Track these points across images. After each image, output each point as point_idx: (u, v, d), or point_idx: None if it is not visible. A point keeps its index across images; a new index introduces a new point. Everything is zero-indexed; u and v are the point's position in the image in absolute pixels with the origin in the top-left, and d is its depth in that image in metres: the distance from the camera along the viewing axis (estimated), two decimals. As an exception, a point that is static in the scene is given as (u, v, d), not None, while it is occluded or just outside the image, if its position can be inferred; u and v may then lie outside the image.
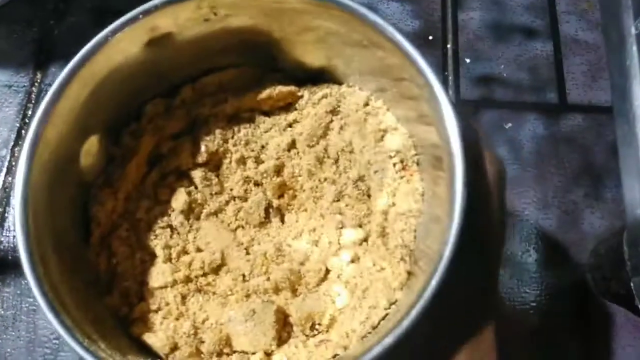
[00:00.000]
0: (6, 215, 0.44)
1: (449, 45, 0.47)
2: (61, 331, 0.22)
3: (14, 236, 0.44)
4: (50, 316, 0.22)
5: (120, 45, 0.27)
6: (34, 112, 0.47)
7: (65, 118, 0.26)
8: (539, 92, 0.45)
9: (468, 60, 0.47)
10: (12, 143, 0.46)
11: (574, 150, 0.43)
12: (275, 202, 0.32)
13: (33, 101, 0.48)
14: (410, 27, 0.27)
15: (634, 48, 0.35)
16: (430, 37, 0.47)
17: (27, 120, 0.47)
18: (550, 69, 0.46)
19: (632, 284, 0.33)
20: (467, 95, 0.45)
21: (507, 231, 0.41)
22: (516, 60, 0.47)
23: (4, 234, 0.44)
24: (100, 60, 0.27)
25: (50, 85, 0.48)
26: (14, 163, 0.46)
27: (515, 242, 0.41)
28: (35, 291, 0.23)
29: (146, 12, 0.27)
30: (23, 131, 0.47)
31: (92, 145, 0.29)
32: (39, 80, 0.48)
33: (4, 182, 0.45)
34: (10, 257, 0.43)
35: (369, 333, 0.26)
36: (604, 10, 0.41)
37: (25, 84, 0.48)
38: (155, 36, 0.28)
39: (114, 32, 0.27)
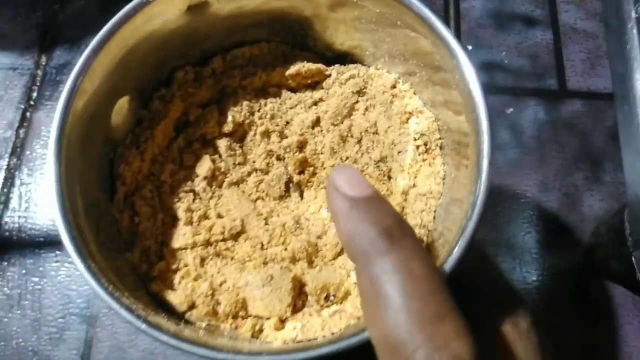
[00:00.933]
0: (11, 195, 0.44)
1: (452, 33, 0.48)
2: (88, 276, 0.23)
3: (19, 216, 0.44)
4: (77, 261, 0.23)
5: (160, 8, 0.28)
6: (39, 95, 0.47)
7: (101, 74, 0.27)
8: (539, 78, 0.46)
9: (470, 47, 0.48)
10: (16, 124, 0.46)
11: (574, 135, 0.44)
12: (295, 178, 0.32)
13: (38, 84, 0.48)
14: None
15: (634, 31, 0.36)
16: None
17: (32, 103, 0.47)
18: (550, 56, 0.47)
19: (633, 258, 0.34)
20: (469, 81, 0.46)
21: (509, 216, 0.41)
22: (517, 47, 0.48)
23: (8, 215, 0.44)
24: (139, 21, 0.27)
25: (55, 68, 0.48)
26: (18, 145, 0.46)
27: (517, 224, 0.42)
28: (64, 235, 0.23)
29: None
30: (28, 113, 0.47)
31: (122, 105, 0.29)
32: (43, 63, 0.48)
33: (9, 163, 0.45)
34: (15, 238, 0.43)
35: None
36: (604, -3, 0.42)
37: (30, 67, 0.48)
38: (193, 3, 0.29)
39: (155, -5, 0.27)
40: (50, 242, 0.43)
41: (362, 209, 0.20)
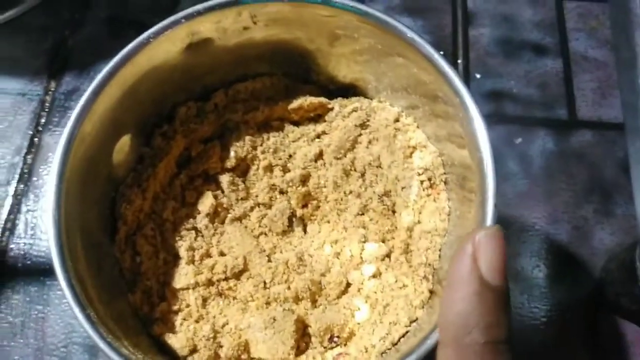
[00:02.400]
0: (17, 222, 0.44)
1: (459, 61, 0.48)
2: (86, 326, 0.22)
3: (24, 243, 0.44)
4: (76, 310, 0.22)
5: (161, 47, 0.28)
6: (47, 121, 0.47)
7: (101, 115, 0.27)
8: (549, 108, 0.46)
9: (478, 76, 0.47)
10: (24, 150, 0.46)
11: (584, 166, 0.44)
12: (299, 212, 0.32)
13: (47, 109, 0.48)
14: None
15: (646, 63, 0.35)
16: (442, 53, 0.48)
17: (40, 129, 0.47)
18: (560, 85, 0.47)
19: (644, 300, 0.33)
20: (477, 110, 0.46)
21: (517, 249, 0.41)
22: (526, 76, 0.47)
23: (14, 241, 0.43)
24: (140, 61, 0.28)
25: (64, 94, 0.48)
26: (26, 170, 0.46)
27: (526, 257, 0.41)
28: (63, 283, 0.23)
29: (188, 17, 0.28)
30: (36, 139, 0.47)
31: (124, 143, 0.29)
32: (53, 89, 0.49)
33: (16, 189, 0.45)
34: (20, 265, 0.43)
35: (389, 349, 0.26)
36: (614, 27, 0.42)
37: (39, 93, 0.48)
38: (195, 41, 0.29)
39: (156, 35, 0.27)
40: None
41: (487, 302, 0.18)
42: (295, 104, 0.32)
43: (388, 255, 0.30)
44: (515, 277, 0.41)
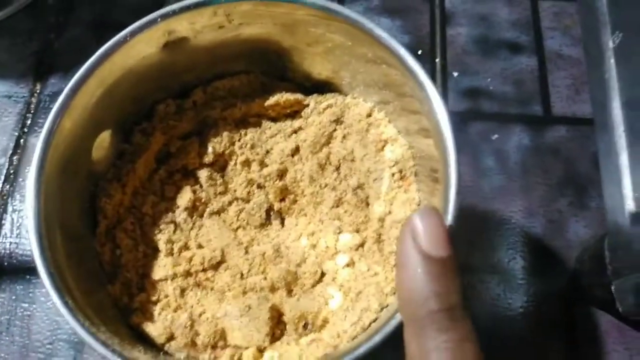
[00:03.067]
0: (3, 222, 0.45)
1: (437, 60, 0.49)
2: (64, 312, 0.23)
3: (10, 243, 0.44)
4: (54, 297, 0.23)
5: (138, 46, 0.29)
6: (33, 122, 0.48)
7: (80, 112, 0.27)
8: (524, 104, 0.47)
9: (456, 74, 0.48)
10: (10, 152, 0.47)
11: (559, 161, 0.45)
12: (276, 205, 0.33)
13: (32, 111, 0.49)
14: (400, 42, 0.28)
15: (612, 61, 0.36)
16: (420, 52, 0.49)
17: (25, 130, 0.48)
18: (535, 82, 0.48)
19: (612, 287, 0.34)
20: (454, 107, 0.47)
21: (494, 242, 0.42)
22: (502, 74, 0.48)
23: (0, 241, 0.44)
24: (118, 59, 0.28)
25: (49, 96, 0.49)
26: (12, 171, 0.46)
27: (502, 250, 0.42)
28: (42, 272, 0.23)
29: (164, 16, 0.28)
30: (22, 140, 0.47)
31: (103, 140, 0.30)
32: (38, 91, 0.49)
33: (2, 189, 0.46)
34: (6, 264, 0.43)
35: (359, 334, 0.27)
36: (583, 27, 0.43)
37: (25, 95, 0.49)
38: (171, 39, 0.30)
39: (133, 34, 0.28)
40: (41, 269, 0.43)
41: (433, 273, 0.19)
42: (271, 100, 0.33)
43: (362, 245, 0.31)
44: (492, 270, 0.41)
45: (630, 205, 0.32)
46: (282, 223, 0.33)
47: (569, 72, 0.48)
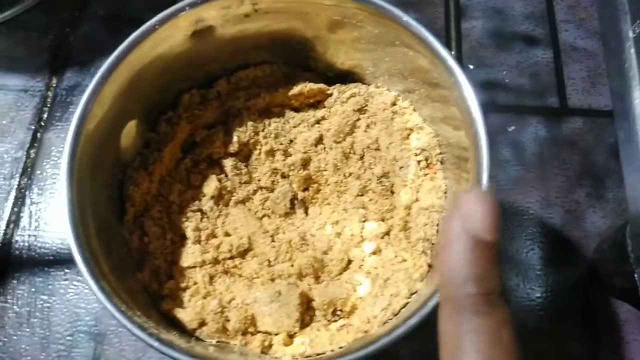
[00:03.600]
0: (21, 215, 0.45)
1: (452, 52, 0.49)
2: (101, 296, 0.23)
3: (29, 235, 0.44)
4: (90, 282, 0.23)
5: (166, 34, 0.29)
6: (49, 116, 0.48)
7: (110, 98, 0.28)
8: (540, 96, 0.47)
9: (471, 67, 0.48)
10: (27, 145, 0.47)
11: (575, 152, 0.45)
12: (300, 195, 0.33)
13: (48, 105, 0.49)
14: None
15: (632, 50, 0.36)
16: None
17: (42, 124, 0.48)
18: (550, 75, 0.48)
19: (635, 275, 0.34)
20: (471, 100, 0.47)
21: (512, 232, 0.42)
22: (518, 66, 0.48)
23: (19, 233, 0.44)
24: (146, 47, 0.28)
25: (65, 90, 0.49)
26: (29, 165, 0.46)
27: (520, 241, 0.42)
28: (77, 257, 0.24)
29: (193, 5, 0.28)
30: (38, 134, 0.48)
31: (130, 128, 0.30)
32: (54, 85, 0.49)
33: (19, 182, 0.46)
34: (25, 256, 0.44)
35: (390, 320, 0.27)
36: (602, 17, 0.43)
37: (41, 89, 0.49)
38: (198, 28, 0.30)
39: (162, 22, 0.28)
40: (60, 261, 0.43)
41: (477, 256, 0.19)
42: (295, 90, 0.34)
43: (387, 233, 0.31)
44: (511, 260, 0.42)
45: (652, 192, 0.32)
46: (306, 212, 0.33)
47: (584, 65, 0.48)
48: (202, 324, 0.27)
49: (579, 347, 0.39)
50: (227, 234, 0.31)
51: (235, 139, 0.32)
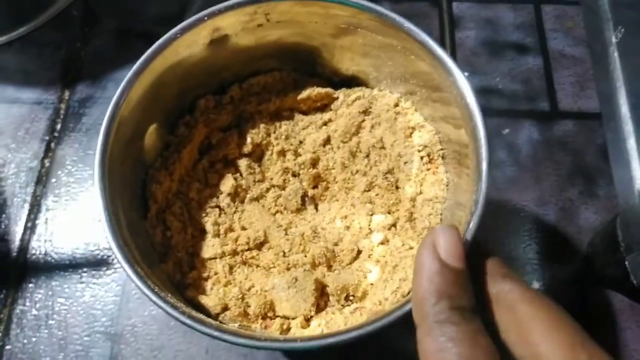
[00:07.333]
0: (37, 222, 0.46)
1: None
2: (136, 280, 0.25)
3: (45, 240, 0.46)
4: (126, 267, 0.25)
5: (186, 42, 0.31)
6: (63, 127, 0.50)
7: (135, 103, 0.30)
8: (532, 101, 0.50)
9: (466, 74, 0.51)
10: (42, 155, 0.49)
11: (567, 153, 0.47)
12: (310, 192, 0.35)
13: (61, 117, 0.51)
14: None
15: (615, 54, 0.39)
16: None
17: (55, 134, 0.50)
18: (541, 80, 0.51)
19: (626, 262, 0.36)
20: (466, 105, 0.49)
21: (508, 229, 0.44)
22: (510, 73, 0.51)
23: (35, 240, 0.46)
24: (168, 54, 0.31)
25: (78, 102, 0.51)
26: (44, 173, 0.48)
27: (517, 237, 0.44)
28: (113, 245, 0.25)
29: (211, 15, 0.31)
30: (52, 144, 0.49)
31: (152, 131, 0.32)
32: (67, 98, 0.51)
33: (35, 191, 0.47)
34: (41, 261, 0.45)
35: (400, 301, 0.28)
36: (587, 25, 0.45)
37: (54, 101, 0.51)
38: (215, 37, 0.32)
39: (184, 31, 0.30)
40: (75, 265, 0.45)
41: (448, 280, 0.21)
42: (303, 95, 0.36)
43: (394, 225, 0.33)
44: (509, 255, 0.43)
45: (639, 184, 0.34)
46: (316, 208, 0.35)
47: (572, 70, 0.51)
48: (225, 308, 0.29)
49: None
50: (243, 228, 0.33)
51: (248, 140, 0.35)
